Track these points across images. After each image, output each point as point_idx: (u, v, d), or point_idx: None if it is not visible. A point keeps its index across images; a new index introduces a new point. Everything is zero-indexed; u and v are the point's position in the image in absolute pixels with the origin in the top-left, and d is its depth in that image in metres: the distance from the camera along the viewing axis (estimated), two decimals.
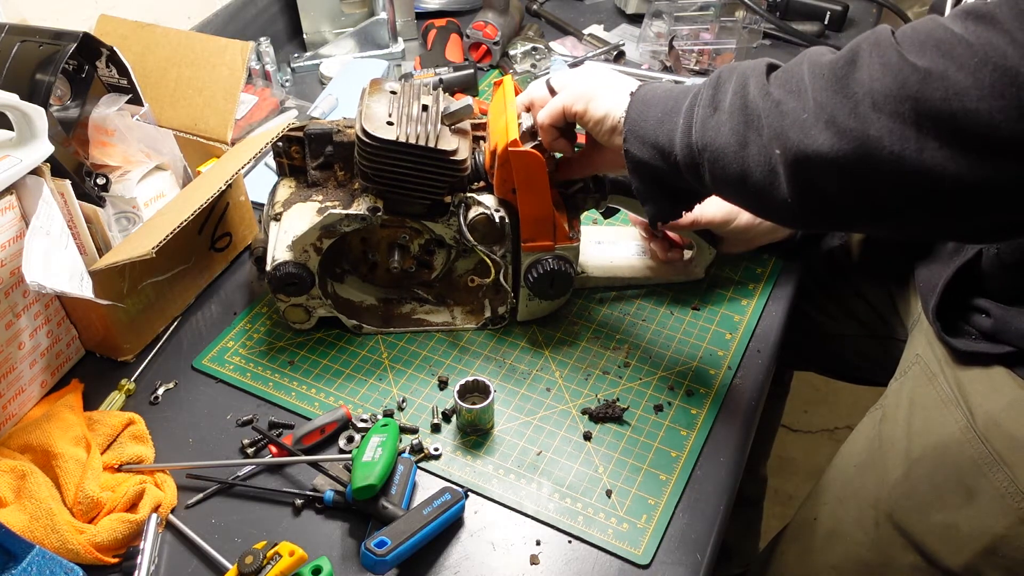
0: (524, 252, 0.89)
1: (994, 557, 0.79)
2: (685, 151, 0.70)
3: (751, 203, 0.70)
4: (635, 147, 0.74)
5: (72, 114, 0.95)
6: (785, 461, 1.97)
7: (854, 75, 0.58)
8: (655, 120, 0.72)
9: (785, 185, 0.63)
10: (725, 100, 0.67)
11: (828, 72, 0.60)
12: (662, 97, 0.73)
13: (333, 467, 0.81)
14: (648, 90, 0.76)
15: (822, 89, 0.60)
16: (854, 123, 0.57)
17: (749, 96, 0.65)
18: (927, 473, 0.83)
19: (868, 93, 0.57)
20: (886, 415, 0.91)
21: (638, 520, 0.79)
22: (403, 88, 0.89)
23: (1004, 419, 0.77)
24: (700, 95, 0.70)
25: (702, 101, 0.69)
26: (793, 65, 0.64)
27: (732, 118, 0.65)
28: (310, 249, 0.88)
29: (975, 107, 0.53)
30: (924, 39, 0.56)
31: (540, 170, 0.84)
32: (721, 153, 0.66)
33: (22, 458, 0.80)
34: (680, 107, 0.71)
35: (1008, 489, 0.76)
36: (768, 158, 0.63)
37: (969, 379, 0.81)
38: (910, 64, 0.55)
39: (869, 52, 0.58)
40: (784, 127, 0.61)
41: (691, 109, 0.70)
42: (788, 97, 0.62)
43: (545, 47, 1.44)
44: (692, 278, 1.02)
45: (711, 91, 0.69)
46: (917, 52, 0.56)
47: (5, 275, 0.82)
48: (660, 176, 0.75)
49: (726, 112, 0.66)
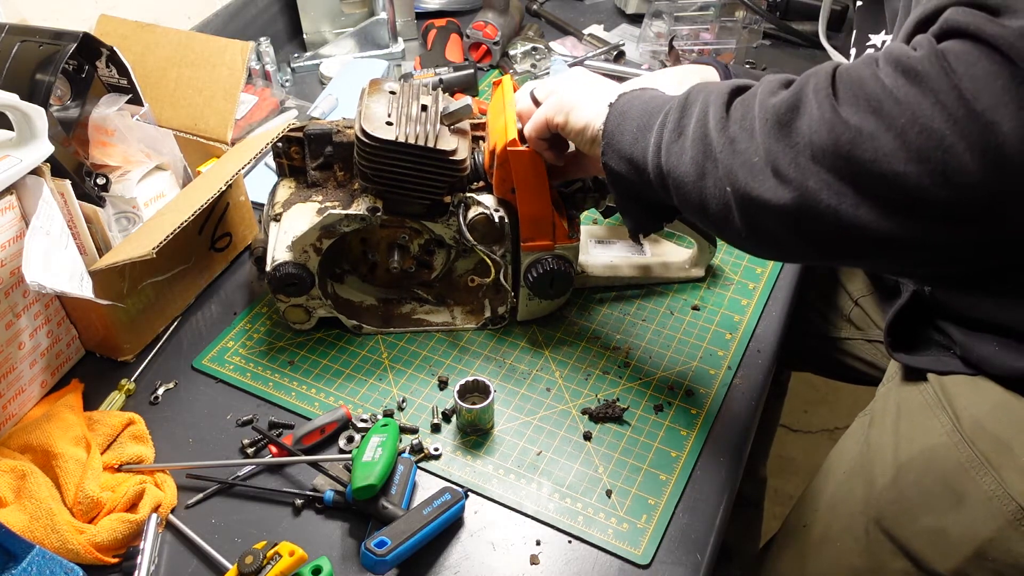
0: (524, 252, 0.90)
1: (983, 561, 0.79)
2: (656, 171, 0.70)
3: (713, 230, 0.70)
4: (613, 160, 0.74)
5: (72, 114, 0.95)
6: (785, 461, 1.97)
7: (796, 123, 0.59)
8: (631, 135, 0.72)
9: (738, 221, 0.64)
10: (689, 126, 0.67)
11: (773, 117, 0.60)
12: (638, 111, 0.73)
13: (333, 467, 0.81)
14: (625, 102, 0.75)
15: (767, 134, 0.60)
16: (795, 173, 0.58)
17: (708, 127, 0.65)
18: (915, 478, 0.82)
19: (808, 144, 0.58)
20: (874, 420, 0.90)
21: (638, 520, 0.79)
22: (402, 88, 0.89)
23: (989, 422, 0.77)
24: (668, 115, 0.69)
25: (669, 124, 0.69)
26: (749, 97, 0.64)
27: (693, 147, 0.66)
28: (310, 249, 0.88)
29: (903, 170, 0.54)
30: (857, 91, 0.57)
31: (539, 170, 0.84)
32: (682, 181, 0.67)
33: (22, 458, 0.80)
34: (652, 124, 0.71)
35: (996, 492, 0.76)
36: (723, 192, 0.64)
37: (954, 383, 0.81)
38: (843, 121, 0.56)
39: (810, 100, 0.59)
40: (735, 167, 0.62)
41: (661, 128, 0.70)
42: (742, 135, 0.62)
43: (545, 47, 1.44)
44: (692, 278, 1.02)
45: (677, 114, 0.68)
46: (851, 106, 0.56)
47: (5, 275, 0.82)
48: (637, 190, 0.75)
49: (688, 139, 0.66)
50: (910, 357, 0.85)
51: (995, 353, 0.76)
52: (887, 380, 0.93)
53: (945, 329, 0.81)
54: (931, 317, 0.84)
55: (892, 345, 0.86)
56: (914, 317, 0.85)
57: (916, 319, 0.85)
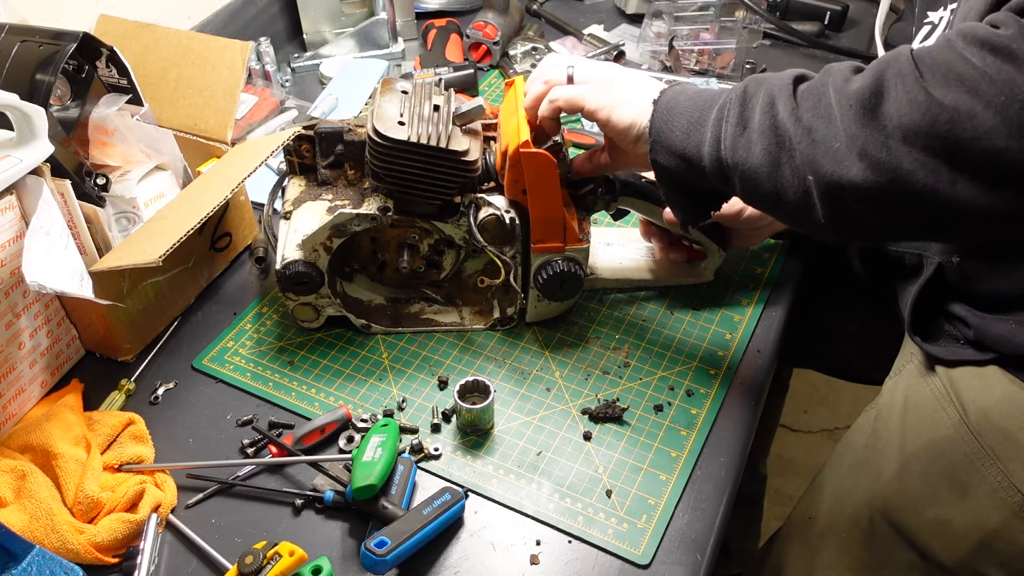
0: (534, 253, 0.89)
1: (988, 552, 0.79)
2: (714, 164, 0.70)
3: (784, 219, 0.71)
4: (662, 156, 0.74)
5: (72, 114, 0.95)
6: (785, 461, 1.97)
7: (882, 107, 0.59)
8: (681, 131, 0.72)
9: (819, 208, 0.64)
10: (754, 118, 0.67)
11: (856, 102, 0.61)
12: (686, 106, 0.73)
13: (333, 467, 0.81)
14: (671, 98, 0.75)
15: (852, 120, 0.61)
16: (887, 156, 0.59)
17: (779, 117, 0.65)
18: (921, 470, 0.83)
19: (898, 127, 0.58)
20: (880, 413, 0.91)
21: (638, 520, 0.79)
22: (414, 88, 0.89)
23: (996, 414, 0.77)
24: (727, 109, 0.69)
25: (730, 117, 0.69)
26: (819, 85, 0.65)
27: (763, 138, 0.66)
28: (320, 248, 0.88)
29: (1004, 145, 0.55)
30: (946, 72, 0.57)
31: (551, 171, 0.84)
32: (754, 173, 0.67)
33: (22, 458, 0.80)
34: (706, 119, 0.71)
35: (1001, 484, 0.77)
36: (802, 181, 0.64)
37: (961, 376, 0.81)
38: (937, 102, 0.57)
39: (895, 84, 0.59)
40: (816, 155, 0.62)
41: (718, 123, 0.69)
42: (818, 123, 0.63)
43: (545, 47, 1.44)
44: (701, 280, 1.02)
45: (738, 107, 0.68)
46: (942, 87, 0.57)
47: (5, 275, 0.82)
48: (689, 183, 0.76)
49: (756, 131, 0.66)
50: (923, 343, 0.85)
51: (1013, 332, 0.76)
52: (894, 374, 0.93)
53: (959, 314, 0.82)
54: (946, 300, 0.84)
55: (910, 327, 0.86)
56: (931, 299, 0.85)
57: (932, 302, 0.85)
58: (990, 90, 0.55)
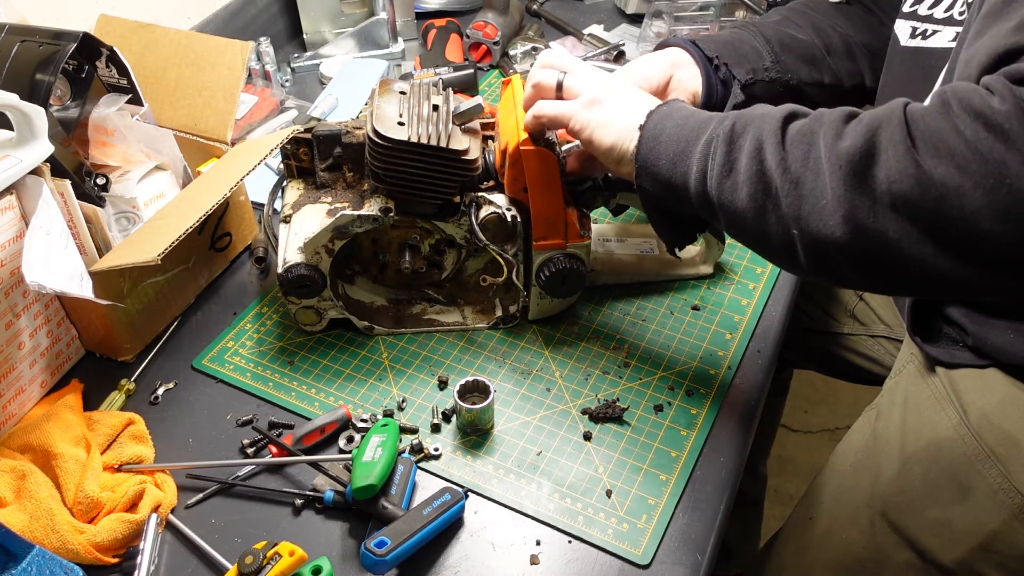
0: (536, 251, 0.89)
1: (988, 553, 0.79)
2: (700, 198, 0.70)
3: (768, 259, 0.71)
4: (648, 183, 0.74)
5: (72, 114, 0.95)
6: (785, 461, 1.97)
7: (872, 171, 0.58)
8: (667, 160, 0.72)
9: (802, 256, 0.64)
10: (740, 160, 0.66)
11: (846, 163, 0.60)
12: (673, 134, 0.72)
13: (333, 467, 0.81)
14: (657, 124, 0.74)
15: (840, 180, 0.60)
16: (873, 222, 0.59)
17: (766, 163, 0.64)
18: (921, 470, 0.83)
19: (887, 193, 0.58)
20: (881, 413, 0.91)
21: (638, 520, 0.79)
22: (413, 88, 0.89)
23: (997, 416, 0.77)
24: (714, 146, 0.68)
25: (716, 156, 0.68)
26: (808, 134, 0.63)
27: (749, 184, 0.65)
28: (322, 251, 0.88)
29: (989, 228, 0.55)
30: (938, 144, 0.56)
31: (552, 168, 0.84)
32: (739, 216, 0.67)
33: (22, 458, 0.80)
34: (692, 151, 0.70)
35: (1002, 485, 0.77)
36: (786, 230, 0.64)
37: (962, 376, 0.81)
38: (927, 175, 0.56)
39: (886, 149, 0.58)
40: (803, 210, 0.62)
41: (705, 158, 0.69)
42: (806, 175, 0.62)
43: (545, 47, 1.44)
44: (701, 274, 1.03)
45: (725, 147, 0.67)
46: (933, 158, 0.56)
47: (5, 275, 0.82)
48: (675, 208, 0.75)
49: (742, 175, 0.65)
50: (923, 344, 0.85)
51: (1010, 341, 0.76)
52: (894, 374, 0.93)
53: (957, 320, 0.82)
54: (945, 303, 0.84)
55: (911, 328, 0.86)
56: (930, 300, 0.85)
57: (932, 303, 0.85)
58: (980, 170, 0.54)
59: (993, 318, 0.78)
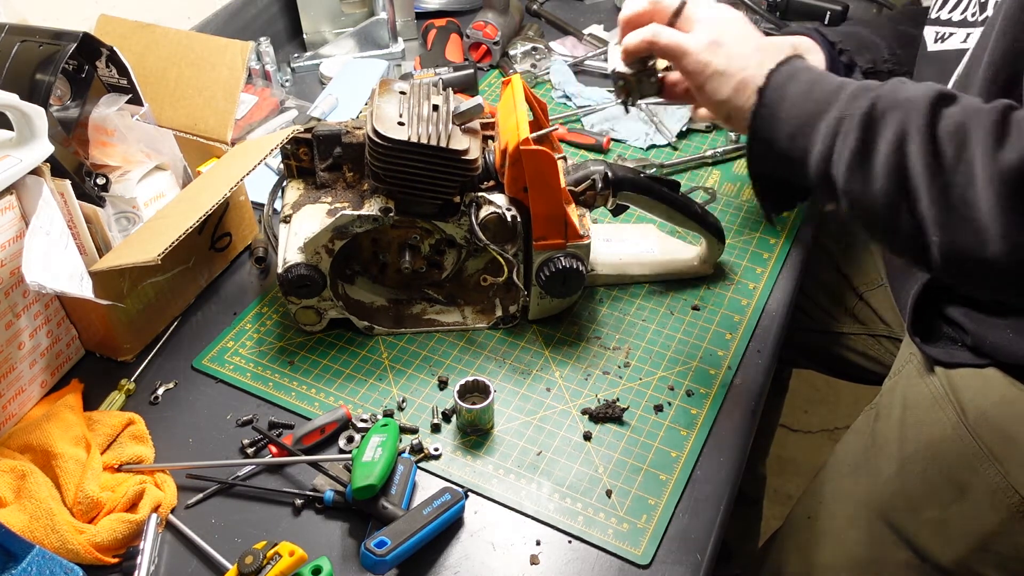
0: (536, 251, 0.89)
1: (986, 553, 0.79)
2: (821, 178, 0.65)
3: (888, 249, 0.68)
4: (759, 149, 0.71)
5: (72, 114, 0.95)
6: (785, 461, 1.97)
7: None
8: (787, 133, 0.67)
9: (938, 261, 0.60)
10: (877, 151, 0.60)
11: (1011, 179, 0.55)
12: (795, 105, 0.67)
13: (333, 467, 0.81)
14: (778, 89, 0.68)
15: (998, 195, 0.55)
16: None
17: (909, 160, 0.59)
18: (919, 470, 0.83)
19: None
20: (880, 413, 0.91)
21: (638, 520, 0.79)
22: (413, 88, 0.89)
23: (995, 415, 0.77)
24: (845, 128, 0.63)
25: (847, 139, 0.62)
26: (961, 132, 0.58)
27: (887, 180, 0.60)
28: (322, 251, 0.88)
29: None
30: None
31: (552, 168, 0.84)
32: (867, 208, 0.62)
33: (22, 458, 0.80)
34: (816, 125, 0.65)
35: (1000, 485, 0.77)
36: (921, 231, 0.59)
37: (960, 376, 0.81)
38: None
39: None
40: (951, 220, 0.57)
41: (832, 137, 0.64)
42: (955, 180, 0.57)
43: (545, 47, 1.44)
44: (700, 274, 1.03)
45: (860, 132, 0.62)
46: None
47: (5, 275, 0.82)
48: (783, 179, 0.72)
49: (879, 168, 0.60)
50: (923, 344, 0.85)
51: (1008, 340, 0.76)
52: (893, 374, 0.93)
53: (957, 320, 0.81)
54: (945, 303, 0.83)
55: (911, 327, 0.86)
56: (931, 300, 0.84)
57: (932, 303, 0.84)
58: None
59: (992, 317, 0.78)
